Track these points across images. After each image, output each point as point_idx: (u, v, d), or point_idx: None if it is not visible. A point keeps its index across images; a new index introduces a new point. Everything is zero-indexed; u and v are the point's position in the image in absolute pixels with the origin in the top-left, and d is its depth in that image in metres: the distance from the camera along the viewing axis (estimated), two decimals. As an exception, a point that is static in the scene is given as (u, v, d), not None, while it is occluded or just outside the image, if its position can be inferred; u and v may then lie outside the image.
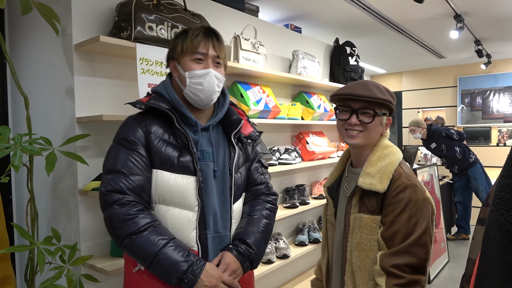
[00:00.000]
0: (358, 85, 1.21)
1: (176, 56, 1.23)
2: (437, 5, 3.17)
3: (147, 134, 1.18)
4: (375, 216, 1.16)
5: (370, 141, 1.24)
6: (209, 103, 1.24)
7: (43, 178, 1.84)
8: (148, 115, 1.21)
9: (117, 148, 1.17)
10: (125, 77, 1.85)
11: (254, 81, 2.60)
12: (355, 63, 3.44)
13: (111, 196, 1.11)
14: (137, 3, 1.65)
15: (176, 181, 1.17)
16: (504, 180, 0.74)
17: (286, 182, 2.92)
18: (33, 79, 1.90)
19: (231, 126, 1.30)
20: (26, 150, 1.45)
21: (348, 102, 1.21)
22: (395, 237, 1.12)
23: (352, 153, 1.32)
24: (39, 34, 1.86)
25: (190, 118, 1.22)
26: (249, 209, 1.33)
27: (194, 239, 1.17)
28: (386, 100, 1.19)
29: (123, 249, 1.13)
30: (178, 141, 1.19)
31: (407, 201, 1.13)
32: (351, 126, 1.21)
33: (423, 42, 4.44)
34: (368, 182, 1.17)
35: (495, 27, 3.88)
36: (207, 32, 1.22)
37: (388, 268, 1.10)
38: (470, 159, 4.57)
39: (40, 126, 1.83)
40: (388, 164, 1.19)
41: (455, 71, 6.00)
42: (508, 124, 5.53)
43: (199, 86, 1.19)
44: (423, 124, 4.68)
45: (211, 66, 1.21)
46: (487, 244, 0.77)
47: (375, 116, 1.20)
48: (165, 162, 1.17)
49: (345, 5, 3.13)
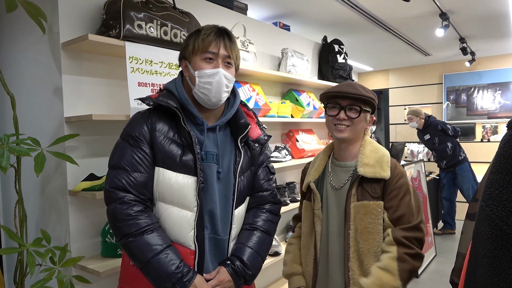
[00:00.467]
0: (346, 85, 1.35)
1: (187, 55, 1.24)
2: (423, 4, 3.21)
3: (152, 131, 1.18)
4: (380, 201, 1.29)
5: (356, 135, 1.37)
6: (217, 103, 1.24)
7: (31, 179, 1.81)
8: (156, 112, 1.21)
9: (122, 144, 1.19)
10: (113, 75, 1.83)
11: (244, 79, 2.60)
12: (343, 61, 3.46)
13: (114, 193, 1.13)
14: (126, 1, 1.63)
15: (177, 180, 1.17)
16: (493, 176, 0.76)
17: (277, 180, 2.94)
18: (18, 79, 1.87)
19: (238, 130, 1.29)
20: (13, 151, 1.42)
21: (337, 100, 1.34)
22: (402, 218, 1.28)
23: (340, 148, 1.41)
24: (24, 33, 1.82)
25: (197, 117, 1.22)
26: (252, 220, 1.32)
27: (192, 238, 1.18)
28: (370, 98, 1.33)
29: (122, 247, 1.15)
30: (182, 139, 1.19)
31: (407, 187, 1.32)
32: (339, 121, 1.33)
33: (409, 40, 4.50)
34: (371, 171, 1.30)
35: (479, 25, 3.96)
36: (219, 31, 1.22)
37: (400, 239, 1.25)
38: (460, 156, 4.62)
39: (27, 126, 1.79)
40: (384, 155, 1.35)
41: (440, 68, 6.10)
42: (492, 120, 5.66)
43: (208, 85, 1.19)
44: (422, 114, 4.72)
45: (221, 66, 1.21)
46: (478, 238, 0.79)
47: (361, 112, 1.33)
48: (167, 160, 1.17)
49: (333, 3, 3.15)
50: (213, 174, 1.22)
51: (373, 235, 1.28)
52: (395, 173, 1.31)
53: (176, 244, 1.17)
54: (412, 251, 1.25)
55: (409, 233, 1.26)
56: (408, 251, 1.24)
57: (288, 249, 1.51)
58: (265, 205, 1.36)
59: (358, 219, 1.29)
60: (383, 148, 1.38)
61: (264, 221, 1.33)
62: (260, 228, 1.31)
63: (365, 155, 1.34)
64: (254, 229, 1.30)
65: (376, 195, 1.30)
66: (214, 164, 1.23)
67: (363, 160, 1.33)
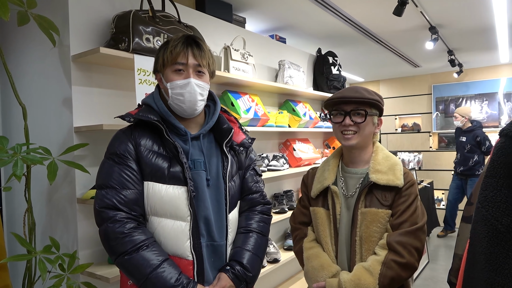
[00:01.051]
0: (348, 90, 1.32)
1: (159, 68, 1.24)
2: (414, 18, 3.35)
3: (137, 146, 1.18)
4: (389, 210, 1.27)
5: (365, 140, 1.33)
6: (193, 112, 1.25)
7: (38, 188, 1.85)
8: (138, 127, 1.22)
9: (108, 163, 1.18)
10: (121, 87, 1.89)
11: (244, 90, 2.68)
12: (337, 72, 3.57)
13: (105, 213, 1.12)
14: (134, 16, 1.70)
15: (167, 192, 1.17)
16: (488, 179, 0.84)
17: (275, 188, 3.00)
18: (29, 89, 1.91)
19: (222, 135, 1.30)
20: (27, 160, 1.47)
21: (341, 106, 1.31)
22: (403, 225, 1.25)
23: (349, 155, 1.38)
24: (34, 45, 1.88)
25: (179, 128, 1.23)
26: (245, 223, 1.33)
27: (189, 248, 1.18)
28: (375, 100, 1.30)
29: (118, 266, 1.14)
30: (168, 151, 1.20)
31: (415, 195, 1.29)
32: (345, 127, 1.30)
33: (399, 52, 4.65)
34: (384, 178, 1.27)
35: (467, 38, 4.12)
36: (186, 41, 1.21)
37: (393, 244, 1.22)
38: (478, 171, 4.74)
39: (37, 136, 1.84)
40: (397, 163, 1.32)
41: (429, 79, 6.27)
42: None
43: (180, 96, 1.20)
44: (469, 116, 4.80)
45: (192, 75, 1.21)
46: (475, 237, 0.87)
47: (367, 115, 1.29)
48: (155, 173, 1.17)
49: (327, 17, 3.26)
50: (203, 181, 1.23)
51: (375, 244, 1.26)
52: (407, 180, 1.29)
53: (173, 257, 1.17)
54: (402, 260, 1.20)
55: (405, 238, 1.22)
56: (397, 258, 1.20)
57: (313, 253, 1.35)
58: (256, 207, 1.38)
59: (364, 227, 1.27)
60: (394, 156, 1.36)
61: (257, 223, 1.34)
62: (255, 230, 1.32)
63: (377, 161, 1.31)
64: (249, 231, 1.31)
65: (387, 203, 1.27)
66: (203, 171, 1.24)
67: (376, 167, 1.30)
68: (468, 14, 3.31)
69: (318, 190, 1.38)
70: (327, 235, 1.35)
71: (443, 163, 6.10)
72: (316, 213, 1.38)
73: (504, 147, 0.81)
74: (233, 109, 2.41)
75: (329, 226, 1.35)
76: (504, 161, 0.80)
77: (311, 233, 1.42)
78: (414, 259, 1.23)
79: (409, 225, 1.24)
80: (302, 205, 1.47)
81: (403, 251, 1.21)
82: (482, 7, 3.14)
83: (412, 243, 1.22)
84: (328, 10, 3.08)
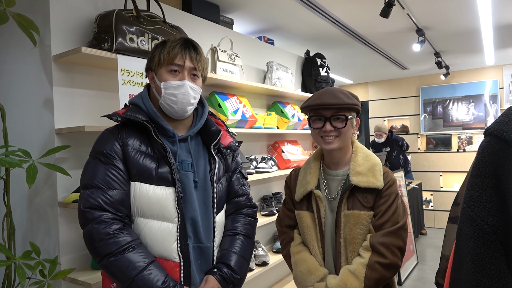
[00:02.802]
0: (326, 94, 1.30)
1: (153, 66, 1.23)
2: (401, 20, 3.37)
3: (124, 146, 1.17)
4: (371, 211, 1.28)
5: (346, 143, 1.34)
6: (183, 114, 1.25)
7: (18, 191, 1.80)
8: (125, 127, 1.20)
9: (94, 162, 1.16)
10: (104, 88, 1.85)
11: (231, 92, 2.66)
12: (326, 74, 3.57)
13: (90, 213, 1.10)
14: (117, 15, 1.66)
15: (155, 193, 1.16)
16: (473, 179, 0.83)
17: (263, 190, 2.98)
18: (8, 90, 1.86)
19: (210, 137, 1.30)
20: (5, 163, 1.42)
21: (320, 111, 1.30)
22: (385, 225, 1.26)
23: (330, 157, 1.37)
24: (14, 45, 1.83)
25: (167, 129, 1.22)
26: (231, 226, 1.33)
27: (176, 250, 1.16)
28: (354, 104, 1.30)
29: (102, 269, 1.12)
30: (156, 152, 1.19)
31: (396, 194, 1.30)
32: (326, 133, 1.30)
33: (387, 54, 4.67)
34: (364, 180, 1.28)
35: (453, 41, 4.16)
36: (185, 43, 1.22)
37: (376, 245, 1.23)
38: (408, 167, 5.44)
39: (17, 138, 1.78)
40: (376, 163, 1.32)
41: (417, 81, 6.33)
42: (467, 131, 5.88)
43: (173, 97, 1.20)
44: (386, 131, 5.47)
45: (187, 78, 1.21)
46: (461, 238, 0.85)
47: (347, 120, 1.29)
48: (143, 174, 1.16)
49: (315, 19, 3.26)
50: (190, 183, 1.22)
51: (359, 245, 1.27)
52: (386, 180, 1.30)
53: (159, 259, 1.15)
54: (385, 261, 1.22)
55: (387, 239, 1.23)
56: (381, 260, 1.22)
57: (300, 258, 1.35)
58: (242, 210, 1.38)
59: (347, 229, 1.28)
60: (373, 155, 1.36)
61: (244, 226, 1.34)
62: (241, 233, 1.32)
63: (357, 163, 1.31)
64: (235, 234, 1.31)
65: (368, 204, 1.28)
66: (191, 173, 1.23)
67: (356, 168, 1.30)
68: (454, 16, 3.34)
69: (301, 194, 1.38)
70: (313, 238, 1.35)
71: (431, 165, 6.14)
72: (301, 217, 1.38)
73: (489, 146, 0.80)
74: (220, 111, 2.38)
75: (314, 229, 1.35)
76: (489, 160, 0.79)
77: (298, 236, 1.42)
78: (397, 259, 1.25)
79: (390, 225, 1.26)
80: (287, 208, 1.47)
81: (386, 252, 1.23)
82: (468, 9, 3.17)
83: (394, 243, 1.24)
84: (316, 12, 3.07)
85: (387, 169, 1.34)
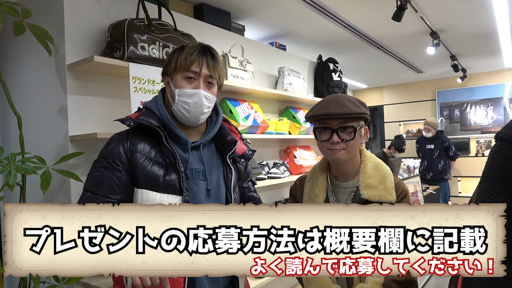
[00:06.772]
0: (333, 103, 1.22)
1: (169, 71, 1.21)
2: (414, 23, 3.33)
3: (132, 152, 1.14)
4: None
5: (354, 153, 1.28)
6: (196, 122, 1.22)
7: (33, 197, 1.84)
8: (136, 131, 1.18)
9: (98, 166, 1.15)
10: (116, 95, 1.89)
11: (242, 98, 2.67)
12: (338, 78, 3.55)
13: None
14: (129, 24, 1.70)
15: (161, 201, 1.13)
16: (483, 185, 0.81)
17: (276, 196, 2.97)
18: (24, 99, 1.91)
19: (226, 147, 1.26)
20: (20, 169, 1.46)
21: (326, 121, 1.23)
22: None
23: (338, 169, 1.31)
24: (30, 55, 1.88)
25: (180, 136, 1.20)
26: None
27: None
28: (363, 113, 1.22)
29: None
30: (165, 159, 1.16)
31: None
32: (333, 145, 1.22)
33: (402, 58, 4.62)
34: (376, 194, 1.22)
35: (469, 43, 4.09)
36: (202, 50, 1.19)
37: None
38: (446, 176, 5.03)
39: (32, 145, 1.83)
40: (387, 174, 1.26)
41: (433, 85, 6.23)
42: (486, 135, 5.75)
43: (186, 105, 1.17)
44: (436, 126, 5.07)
45: (202, 85, 1.18)
46: (472, 245, 0.83)
47: (355, 132, 1.22)
48: (150, 181, 1.13)
49: (327, 24, 3.26)
50: (201, 192, 1.19)
51: None
52: (398, 192, 1.25)
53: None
54: (401, 279, 1.16)
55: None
56: (396, 278, 1.16)
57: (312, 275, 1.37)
58: None
59: None
60: (383, 164, 1.30)
61: None
62: None
63: (367, 174, 1.25)
64: None
65: None
66: (202, 181, 1.20)
67: (366, 181, 1.24)
68: (469, 18, 3.29)
69: None
70: None
71: (448, 169, 6.02)
72: None
73: (499, 151, 0.78)
74: (231, 117, 2.39)
75: None
76: (500, 165, 0.77)
77: None
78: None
79: None
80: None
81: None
82: (483, 11, 3.12)
83: None
84: (328, 17, 3.07)
85: (398, 180, 1.28)
